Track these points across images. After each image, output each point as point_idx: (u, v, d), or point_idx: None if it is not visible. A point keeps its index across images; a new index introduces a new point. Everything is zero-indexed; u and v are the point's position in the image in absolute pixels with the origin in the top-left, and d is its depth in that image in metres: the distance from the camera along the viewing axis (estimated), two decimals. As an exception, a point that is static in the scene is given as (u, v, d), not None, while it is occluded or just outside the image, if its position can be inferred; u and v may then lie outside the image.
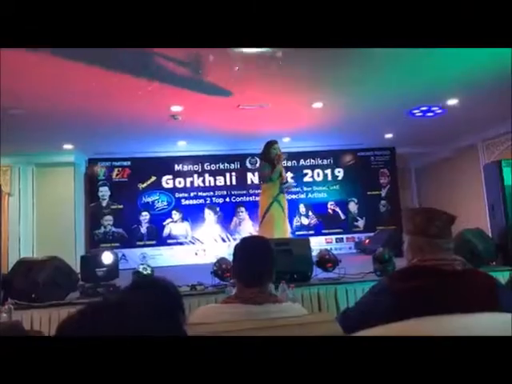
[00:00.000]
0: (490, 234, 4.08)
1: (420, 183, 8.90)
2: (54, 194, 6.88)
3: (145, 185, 7.51)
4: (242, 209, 7.73)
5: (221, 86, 4.46)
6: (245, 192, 7.77)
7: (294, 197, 7.53)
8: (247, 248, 1.58)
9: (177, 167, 7.65)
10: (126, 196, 7.43)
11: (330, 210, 7.93)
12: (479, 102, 5.10)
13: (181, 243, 7.48)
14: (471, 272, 1.49)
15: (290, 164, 7.65)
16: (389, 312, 1.32)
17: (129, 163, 7.49)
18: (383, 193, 8.12)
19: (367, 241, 7.00)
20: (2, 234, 3.25)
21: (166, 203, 7.55)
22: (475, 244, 3.57)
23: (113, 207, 7.39)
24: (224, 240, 7.56)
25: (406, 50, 3.58)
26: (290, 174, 7.70)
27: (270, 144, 4.73)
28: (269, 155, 4.69)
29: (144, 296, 0.60)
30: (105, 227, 7.34)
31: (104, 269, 3.38)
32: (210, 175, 7.74)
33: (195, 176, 7.70)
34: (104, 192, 7.41)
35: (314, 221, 7.82)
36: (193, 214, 7.57)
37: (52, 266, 3.18)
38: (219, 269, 3.35)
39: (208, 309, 1.52)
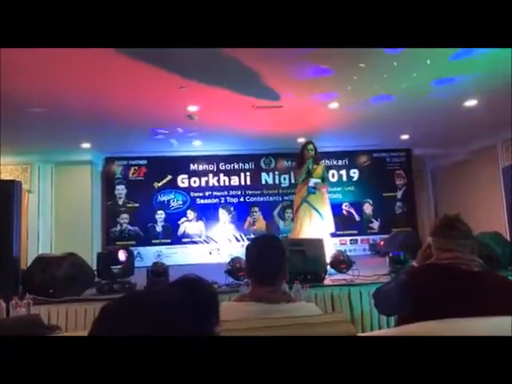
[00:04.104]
0: (508, 238, 3.99)
1: (436, 185, 8.76)
2: (72, 192, 7.00)
3: (160, 184, 7.57)
4: (256, 209, 7.74)
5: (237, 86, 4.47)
6: (259, 192, 7.79)
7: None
8: (259, 246, 1.59)
9: (192, 167, 7.70)
10: (141, 194, 7.51)
11: (344, 211, 7.87)
12: (498, 102, 5.00)
13: (195, 242, 7.53)
14: (489, 274, 1.48)
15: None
16: (405, 304, 1.35)
17: (145, 162, 7.57)
18: (399, 194, 8.03)
19: (382, 243, 6.91)
20: (22, 230, 3.32)
21: (181, 202, 7.61)
22: (493, 248, 3.49)
23: (129, 205, 7.48)
24: (238, 239, 7.58)
25: (422, 49, 3.54)
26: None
27: (304, 144, 4.82)
28: (301, 155, 4.79)
29: (188, 292, 0.63)
30: (121, 225, 7.43)
31: (120, 266, 3.43)
32: (224, 175, 7.77)
33: (210, 176, 7.74)
34: (120, 190, 7.50)
35: (328, 222, 7.75)
36: (207, 214, 7.61)
37: (69, 263, 3.24)
38: (233, 268, 3.37)
39: (222, 306, 1.53)
